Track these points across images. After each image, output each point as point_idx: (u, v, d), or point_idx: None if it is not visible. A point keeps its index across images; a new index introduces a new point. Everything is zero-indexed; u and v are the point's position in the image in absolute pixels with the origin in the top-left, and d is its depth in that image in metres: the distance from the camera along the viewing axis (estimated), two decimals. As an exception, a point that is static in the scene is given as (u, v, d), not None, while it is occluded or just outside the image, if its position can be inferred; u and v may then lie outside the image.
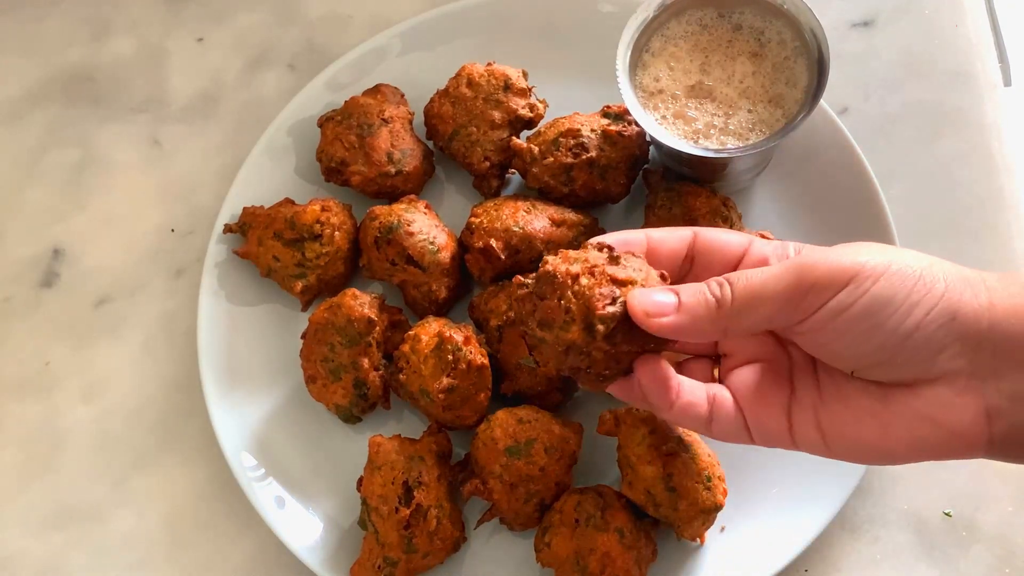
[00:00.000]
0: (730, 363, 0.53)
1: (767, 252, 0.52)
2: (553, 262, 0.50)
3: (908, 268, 0.44)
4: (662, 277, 0.51)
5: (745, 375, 0.52)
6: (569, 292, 0.49)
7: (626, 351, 0.49)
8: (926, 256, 0.46)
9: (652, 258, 0.53)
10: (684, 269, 0.54)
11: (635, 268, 0.50)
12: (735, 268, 0.52)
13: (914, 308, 0.44)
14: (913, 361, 0.45)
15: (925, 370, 0.45)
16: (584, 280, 0.48)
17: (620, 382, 0.51)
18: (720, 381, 0.53)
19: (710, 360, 0.55)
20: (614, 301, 0.48)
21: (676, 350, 0.55)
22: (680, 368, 0.55)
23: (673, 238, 0.53)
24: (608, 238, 0.53)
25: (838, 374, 0.49)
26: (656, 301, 0.47)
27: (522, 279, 0.52)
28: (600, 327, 0.47)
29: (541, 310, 0.50)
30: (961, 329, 0.44)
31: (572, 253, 0.51)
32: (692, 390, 0.50)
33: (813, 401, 0.49)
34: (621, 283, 0.49)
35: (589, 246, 0.51)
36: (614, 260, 0.50)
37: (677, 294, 0.48)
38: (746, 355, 0.53)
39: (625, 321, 0.48)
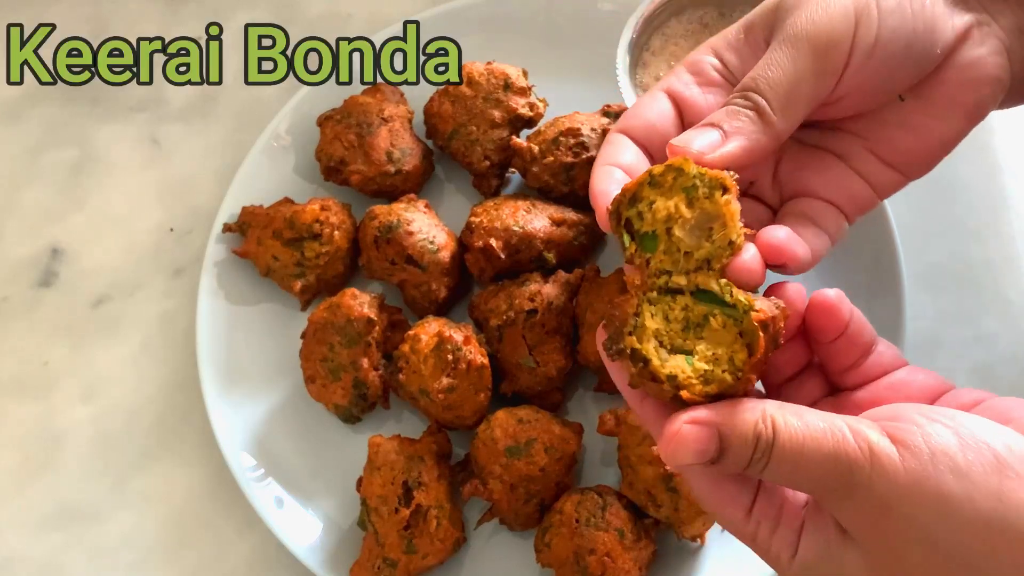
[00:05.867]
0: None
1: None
2: None
3: None
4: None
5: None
6: None
7: None
8: None
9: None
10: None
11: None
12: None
13: None
14: (938, 35, 0.45)
15: (945, 42, 0.46)
16: None
17: None
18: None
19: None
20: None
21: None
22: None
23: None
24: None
25: (866, 117, 0.48)
26: (702, 142, 0.43)
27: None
28: None
29: None
30: None
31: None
32: None
33: (864, 146, 0.48)
34: None
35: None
36: None
37: (715, 125, 0.44)
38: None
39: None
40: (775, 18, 0.46)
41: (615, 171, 0.46)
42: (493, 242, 0.68)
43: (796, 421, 0.38)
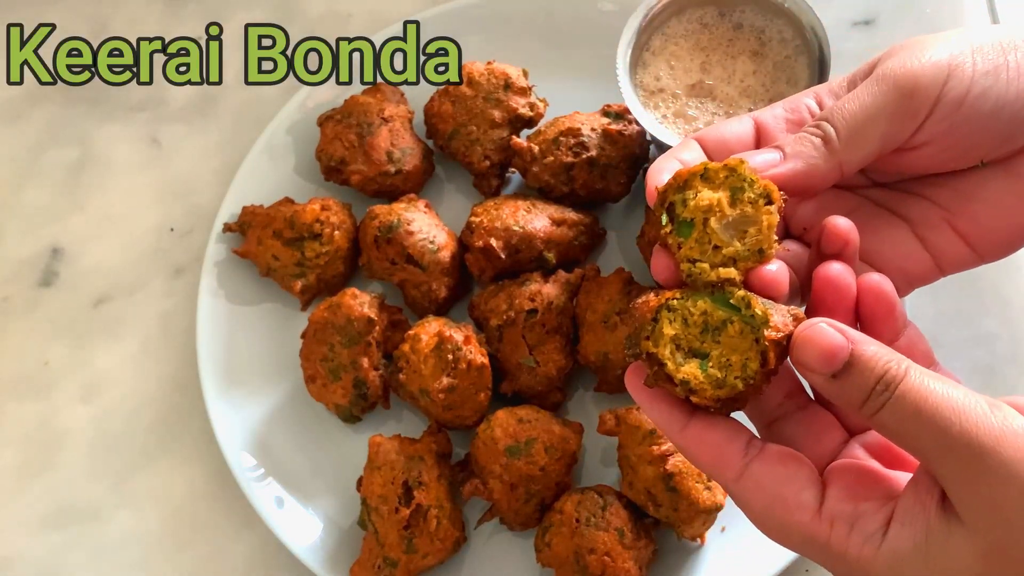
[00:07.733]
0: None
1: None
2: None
3: (990, 38, 0.45)
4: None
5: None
6: None
7: None
8: (982, 28, 0.47)
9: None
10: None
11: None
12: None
13: (1021, 67, 0.44)
14: None
15: None
16: None
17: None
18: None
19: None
20: None
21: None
22: None
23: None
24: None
25: (950, 182, 0.48)
26: (759, 159, 0.44)
27: None
28: None
29: None
30: None
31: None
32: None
33: (941, 216, 0.48)
34: None
35: None
36: None
37: (778, 147, 0.45)
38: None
39: None
40: (876, 66, 0.46)
41: (675, 161, 0.46)
42: (493, 242, 0.68)
43: (928, 373, 0.38)
